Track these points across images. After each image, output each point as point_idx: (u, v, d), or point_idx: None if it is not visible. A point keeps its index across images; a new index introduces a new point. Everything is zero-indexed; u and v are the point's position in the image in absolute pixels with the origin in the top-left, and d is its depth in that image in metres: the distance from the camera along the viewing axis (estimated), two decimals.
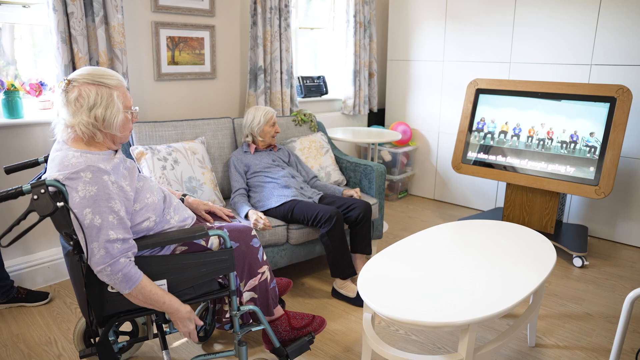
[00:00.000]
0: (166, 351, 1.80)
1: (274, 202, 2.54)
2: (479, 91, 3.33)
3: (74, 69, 2.49)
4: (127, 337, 2.14)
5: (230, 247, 1.62)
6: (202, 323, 1.61)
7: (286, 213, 2.49)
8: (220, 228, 1.71)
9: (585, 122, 2.91)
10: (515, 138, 3.18)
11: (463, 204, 4.10)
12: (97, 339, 1.98)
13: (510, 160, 3.17)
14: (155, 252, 1.56)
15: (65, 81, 1.47)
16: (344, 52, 4.03)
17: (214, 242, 1.64)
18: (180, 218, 1.65)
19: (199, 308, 2.10)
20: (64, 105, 1.46)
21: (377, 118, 4.53)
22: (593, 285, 2.75)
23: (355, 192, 2.72)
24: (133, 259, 1.44)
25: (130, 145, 2.59)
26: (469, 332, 1.56)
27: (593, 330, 2.31)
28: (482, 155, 3.29)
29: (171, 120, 2.76)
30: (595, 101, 2.88)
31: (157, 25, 2.88)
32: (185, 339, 2.18)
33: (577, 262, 2.96)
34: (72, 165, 1.39)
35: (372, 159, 4.17)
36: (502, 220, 3.36)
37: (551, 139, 3.03)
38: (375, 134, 3.46)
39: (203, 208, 1.92)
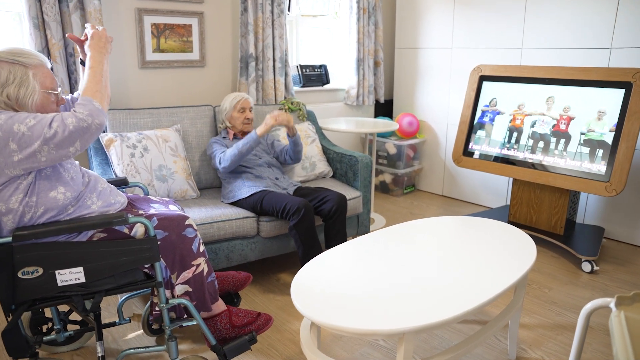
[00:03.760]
0: (100, 342, 1.73)
1: (244, 193, 2.43)
2: (483, 78, 3.06)
3: (49, 55, 2.48)
4: (76, 326, 2.09)
5: (153, 235, 1.52)
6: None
7: (255, 204, 2.37)
8: (149, 216, 1.62)
9: (597, 111, 2.60)
10: (520, 129, 2.90)
11: (472, 200, 3.82)
12: (51, 326, 1.96)
13: (515, 153, 2.90)
14: (71, 238, 1.48)
15: None
16: (347, 40, 3.86)
17: (138, 230, 1.55)
18: (104, 204, 1.57)
19: (149, 303, 2.02)
20: None
21: (384, 109, 4.32)
22: (600, 294, 2.45)
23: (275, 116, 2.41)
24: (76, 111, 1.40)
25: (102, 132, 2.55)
26: (404, 342, 1.37)
27: (589, 345, 2.05)
28: (484, 148, 3.04)
29: (147, 107, 2.71)
30: (609, 87, 2.56)
31: (141, 11, 2.83)
32: (140, 331, 2.11)
33: (586, 267, 2.66)
34: None
35: (370, 151, 3.98)
36: (508, 218, 3.09)
37: (559, 130, 2.73)
38: (373, 125, 3.27)
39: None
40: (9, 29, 2.58)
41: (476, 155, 3.06)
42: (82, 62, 1.67)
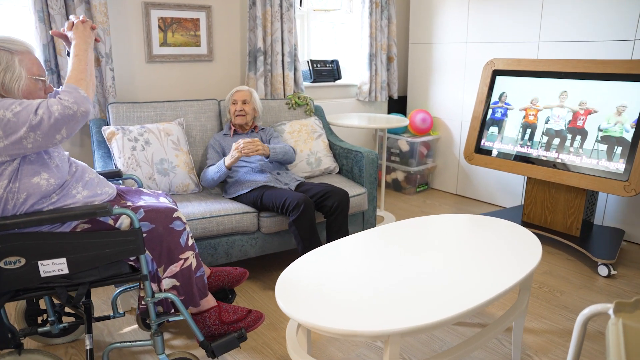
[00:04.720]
0: (89, 335, 1.71)
1: (245, 188, 2.39)
2: (496, 73, 2.95)
3: (54, 48, 2.50)
4: (71, 319, 2.09)
5: (138, 227, 1.49)
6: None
7: (256, 199, 2.33)
8: (136, 208, 1.59)
9: (616, 106, 2.46)
10: (533, 125, 2.77)
11: (487, 200, 3.70)
12: (46, 318, 1.97)
13: (528, 151, 2.77)
14: (54, 229, 1.46)
15: None
16: (359, 35, 3.78)
17: (123, 221, 1.52)
18: (90, 194, 1.55)
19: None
20: None
21: (398, 105, 4.22)
22: (617, 299, 2.31)
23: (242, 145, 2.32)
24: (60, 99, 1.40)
25: (104, 125, 2.56)
26: (389, 345, 1.30)
27: (601, 353, 1.93)
28: (497, 145, 2.92)
29: (151, 101, 2.70)
30: (629, 80, 2.42)
31: (148, 5, 2.83)
32: (135, 326, 2.10)
33: (603, 270, 2.52)
34: None
35: (381, 148, 3.90)
36: (522, 219, 2.97)
37: (575, 126, 2.60)
38: (382, 121, 3.18)
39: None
40: (22, 23, 2.61)
41: (494, 153, 2.94)
42: (69, 54, 1.66)
